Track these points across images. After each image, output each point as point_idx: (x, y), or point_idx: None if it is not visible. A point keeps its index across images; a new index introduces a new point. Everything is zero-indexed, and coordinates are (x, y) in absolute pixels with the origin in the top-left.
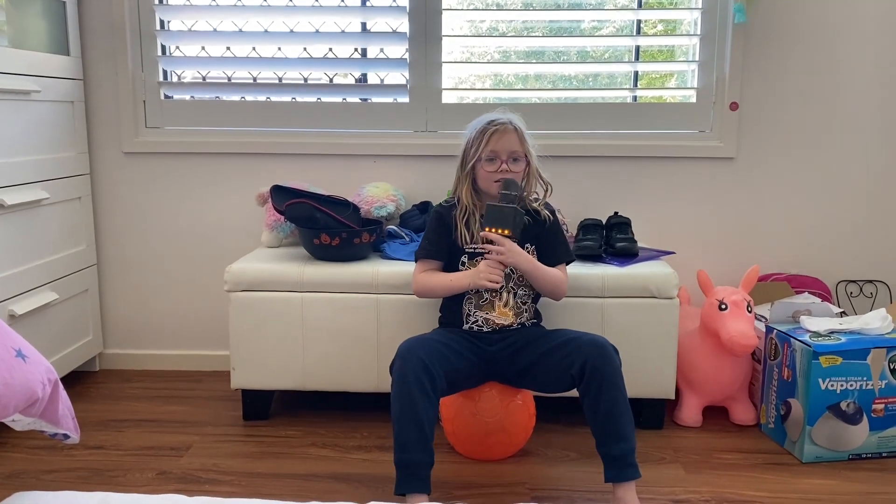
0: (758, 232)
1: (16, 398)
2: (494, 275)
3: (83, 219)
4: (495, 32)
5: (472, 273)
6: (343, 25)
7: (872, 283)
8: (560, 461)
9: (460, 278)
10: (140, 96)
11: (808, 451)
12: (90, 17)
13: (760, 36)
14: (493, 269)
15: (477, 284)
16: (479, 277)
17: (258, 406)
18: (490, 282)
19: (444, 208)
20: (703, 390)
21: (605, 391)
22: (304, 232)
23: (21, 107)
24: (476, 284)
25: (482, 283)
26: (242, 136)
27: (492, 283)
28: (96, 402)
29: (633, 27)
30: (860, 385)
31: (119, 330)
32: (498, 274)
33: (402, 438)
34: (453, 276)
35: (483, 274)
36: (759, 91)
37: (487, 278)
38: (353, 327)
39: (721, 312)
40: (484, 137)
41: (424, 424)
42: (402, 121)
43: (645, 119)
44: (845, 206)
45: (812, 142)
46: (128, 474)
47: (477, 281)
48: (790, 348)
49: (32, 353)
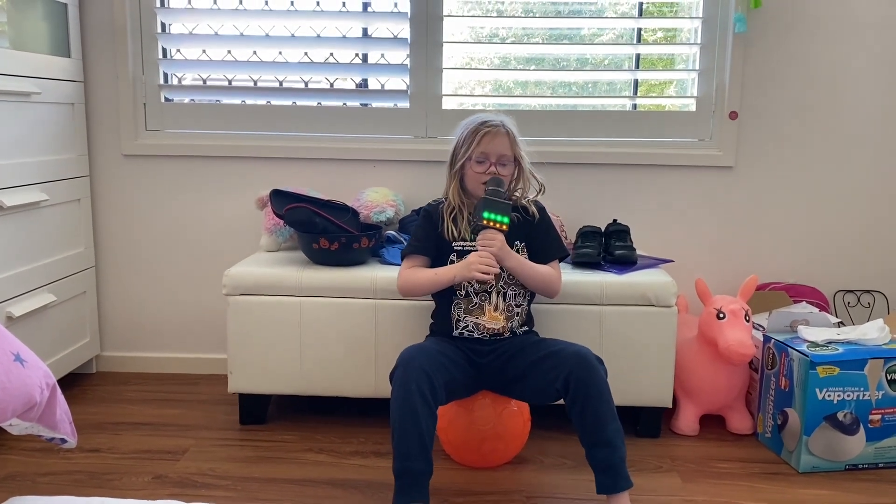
0: (756, 241)
1: (14, 403)
2: (487, 266)
3: (82, 221)
4: (496, 39)
5: (462, 265)
6: (344, 30)
7: (870, 293)
8: (556, 468)
9: (445, 272)
10: (140, 99)
11: (805, 461)
12: (91, 19)
13: (760, 46)
14: (486, 259)
15: (468, 276)
16: (470, 269)
17: (255, 410)
18: (483, 273)
19: (431, 206)
20: (701, 399)
21: (590, 403)
22: (303, 236)
23: (21, 108)
24: (466, 276)
25: (474, 274)
26: (242, 140)
27: (484, 275)
28: (93, 404)
29: (634, 35)
30: (857, 395)
31: (116, 332)
32: (491, 265)
33: (402, 448)
34: (438, 271)
35: (474, 266)
36: (759, 100)
37: (479, 269)
38: (351, 332)
39: (719, 321)
40: (475, 138)
41: (425, 434)
42: (402, 126)
43: (644, 127)
44: (843, 215)
45: (811, 151)
46: (124, 478)
47: (468, 273)
48: (787, 358)
49: (31, 357)
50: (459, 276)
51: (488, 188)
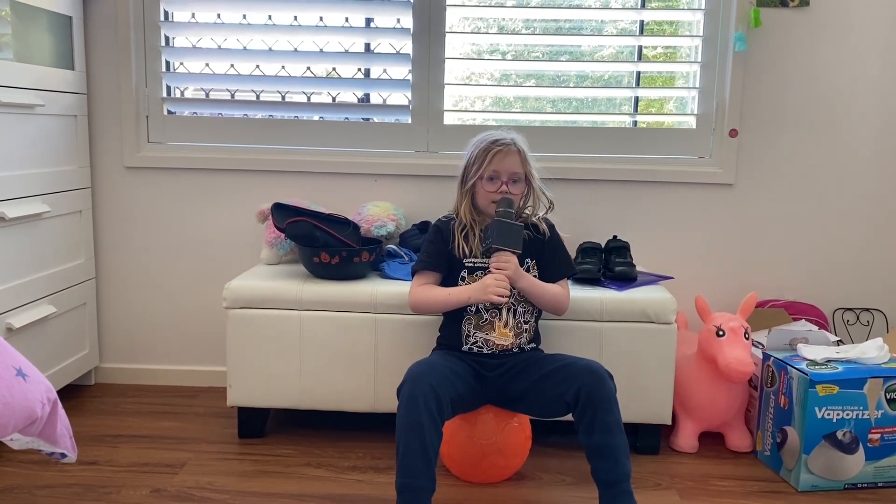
0: (756, 258)
1: (15, 418)
2: (503, 289)
3: (83, 232)
4: (496, 54)
5: (477, 287)
6: (347, 45)
7: (869, 312)
8: (556, 485)
9: (459, 292)
10: (143, 111)
11: (804, 480)
12: (95, 31)
13: (760, 64)
14: (501, 282)
15: (483, 299)
16: (486, 292)
17: (254, 424)
18: (498, 296)
19: (442, 222)
20: (700, 416)
21: (599, 418)
22: (304, 250)
23: (24, 120)
24: (482, 299)
25: (490, 297)
26: (244, 153)
27: (499, 298)
28: (91, 416)
29: (635, 52)
30: (856, 414)
31: (116, 344)
32: (506, 287)
33: (406, 463)
34: (451, 291)
35: (491, 288)
36: (759, 118)
37: (496, 292)
38: (350, 347)
39: (718, 339)
40: (487, 157)
41: (430, 451)
42: (403, 141)
43: (644, 144)
44: (843, 233)
45: (811, 169)
46: (122, 491)
47: (483, 295)
48: (787, 376)
49: (32, 371)
50: (474, 297)
51: (499, 209)
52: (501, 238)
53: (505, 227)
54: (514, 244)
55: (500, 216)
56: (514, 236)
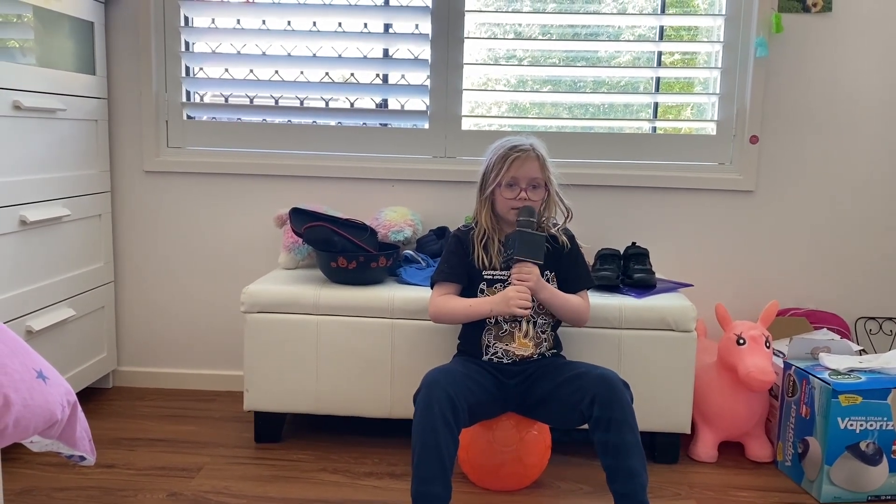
0: (776, 266)
1: (35, 420)
2: (525, 301)
3: (102, 236)
4: (513, 60)
5: (499, 299)
6: (365, 51)
7: (892, 321)
8: (573, 494)
9: (480, 304)
10: (163, 116)
11: (826, 492)
12: (116, 37)
13: (781, 70)
14: (523, 294)
15: (505, 311)
16: (508, 304)
17: (270, 428)
18: (521, 308)
19: (461, 232)
20: (720, 425)
21: (614, 427)
22: (322, 255)
23: (46, 125)
24: (504, 311)
25: (512, 309)
26: (262, 158)
27: (522, 311)
28: (109, 419)
29: (655, 58)
30: (880, 425)
31: (134, 347)
32: (528, 299)
33: (421, 470)
34: (472, 302)
35: (514, 300)
36: (780, 125)
37: (518, 304)
38: (367, 352)
39: (739, 347)
40: (505, 163)
41: (445, 458)
42: (421, 146)
43: (664, 150)
44: (865, 241)
45: (832, 176)
46: (139, 494)
47: (505, 308)
48: (809, 385)
49: (53, 374)
50: (496, 310)
51: (520, 219)
52: (523, 249)
53: (526, 238)
54: (535, 255)
55: (521, 226)
56: (535, 247)
